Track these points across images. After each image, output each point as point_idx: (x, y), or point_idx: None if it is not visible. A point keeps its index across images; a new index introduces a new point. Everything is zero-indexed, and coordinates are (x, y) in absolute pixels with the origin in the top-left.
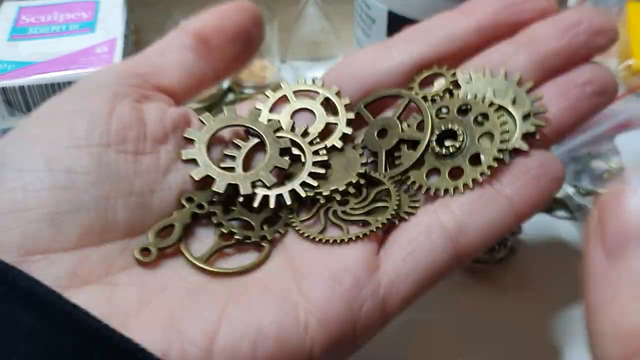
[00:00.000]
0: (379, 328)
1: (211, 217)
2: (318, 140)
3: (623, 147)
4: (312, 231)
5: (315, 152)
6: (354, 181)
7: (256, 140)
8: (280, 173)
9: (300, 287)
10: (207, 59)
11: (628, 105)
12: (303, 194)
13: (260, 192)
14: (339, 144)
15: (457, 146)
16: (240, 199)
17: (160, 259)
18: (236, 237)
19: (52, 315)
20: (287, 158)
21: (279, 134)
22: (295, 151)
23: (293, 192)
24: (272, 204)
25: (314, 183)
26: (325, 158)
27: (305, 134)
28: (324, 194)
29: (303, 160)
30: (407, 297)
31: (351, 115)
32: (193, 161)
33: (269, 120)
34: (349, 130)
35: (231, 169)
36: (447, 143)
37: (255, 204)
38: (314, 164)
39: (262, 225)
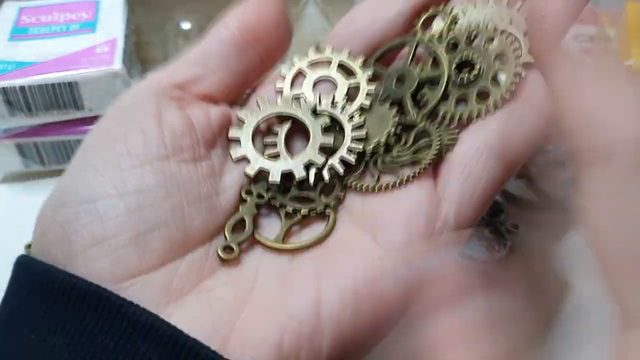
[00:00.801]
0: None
1: (271, 203)
2: (347, 104)
3: None
4: (368, 183)
5: (350, 118)
6: (392, 130)
7: (289, 123)
8: (326, 149)
9: (378, 240)
10: (253, 52)
11: None
12: (352, 160)
13: (312, 169)
14: (366, 104)
15: (476, 73)
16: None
17: (240, 253)
18: (302, 212)
19: (178, 352)
20: (330, 134)
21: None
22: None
23: (342, 160)
24: (326, 178)
25: (359, 146)
26: (362, 120)
27: (333, 102)
28: (368, 148)
29: (341, 128)
30: (473, 218)
31: (369, 72)
32: (243, 158)
33: (295, 97)
34: (371, 87)
35: (276, 156)
36: (466, 71)
37: (311, 182)
38: (353, 128)
39: (320, 195)
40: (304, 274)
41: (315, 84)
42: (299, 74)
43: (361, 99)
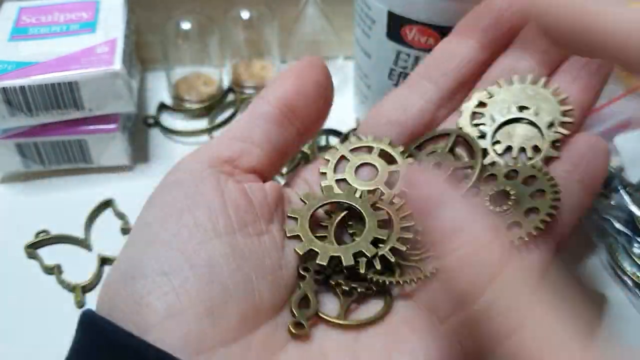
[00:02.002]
0: None
1: (329, 280)
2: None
3: (622, 147)
4: (417, 273)
5: (404, 217)
6: None
7: (345, 211)
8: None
9: (440, 316)
10: (292, 127)
11: (628, 105)
12: (403, 249)
13: (362, 260)
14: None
15: (511, 204)
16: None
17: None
18: (359, 290)
19: None
20: (385, 230)
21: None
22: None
23: (383, 258)
24: (378, 267)
25: (403, 248)
26: (412, 223)
27: (379, 192)
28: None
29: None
30: None
31: (410, 160)
32: (297, 237)
33: (338, 180)
34: None
35: (324, 237)
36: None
37: (362, 271)
38: (401, 218)
39: (375, 274)
40: (375, 350)
41: (357, 169)
42: (342, 158)
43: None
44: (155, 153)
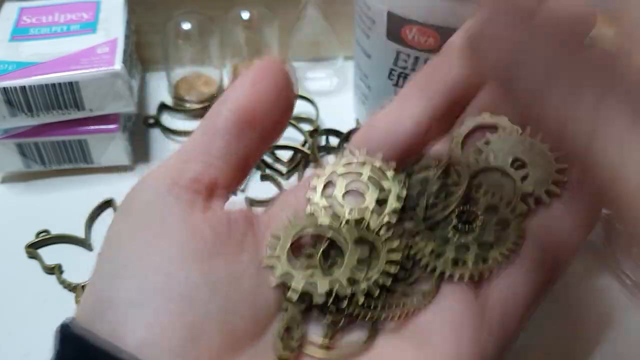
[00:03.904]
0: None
1: (311, 311)
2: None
3: None
4: (407, 305)
5: (390, 250)
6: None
7: (328, 240)
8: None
9: (428, 347)
10: (252, 136)
11: None
12: (387, 283)
13: (331, 297)
14: (398, 206)
15: (479, 226)
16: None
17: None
18: (342, 323)
19: None
20: (363, 268)
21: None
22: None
23: (365, 291)
24: (360, 301)
25: (387, 283)
26: (399, 257)
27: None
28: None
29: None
30: (516, 329)
31: (401, 178)
32: (272, 267)
33: (325, 205)
34: (399, 204)
35: (308, 268)
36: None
37: (330, 307)
38: (388, 262)
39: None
40: None
41: (346, 188)
42: (332, 176)
43: (393, 204)
44: (155, 153)
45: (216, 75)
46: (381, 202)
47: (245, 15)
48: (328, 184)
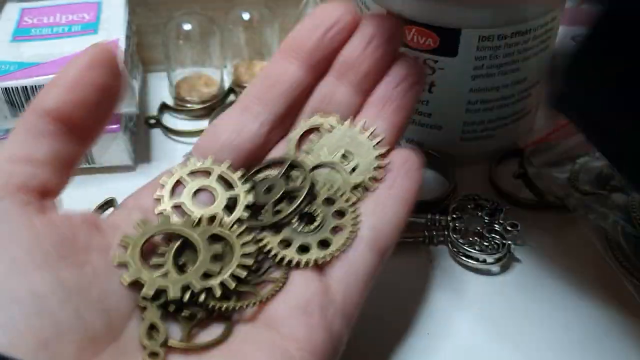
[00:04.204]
0: (347, 337)
1: (168, 307)
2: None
3: None
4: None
5: (244, 243)
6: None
7: (180, 240)
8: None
9: (281, 333)
10: (73, 137)
11: None
12: (243, 275)
13: (188, 293)
14: (245, 215)
15: (317, 225)
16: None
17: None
18: (199, 316)
19: None
20: (218, 263)
21: (211, 231)
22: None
23: (222, 284)
24: (217, 294)
25: (242, 274)
26: (253, 249)
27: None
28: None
29: (230, 248)
30: (359, 302)
31: (248, 185)
32: (125, 265)
33: (176, 206)
34: (250, 199)
35: (162, 266)
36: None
37: (185, 300)
38: (242, 255)
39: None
40: None
41: (195, 194)
42: (180, 182)
43: (240, 211)
44: (157, 153)
45: (217, 76)
46: (231, 201)
47: (246, 15)
48: (177, 185)
